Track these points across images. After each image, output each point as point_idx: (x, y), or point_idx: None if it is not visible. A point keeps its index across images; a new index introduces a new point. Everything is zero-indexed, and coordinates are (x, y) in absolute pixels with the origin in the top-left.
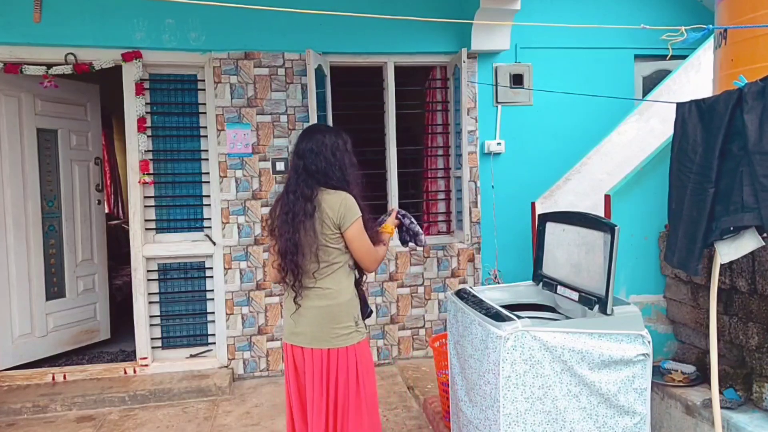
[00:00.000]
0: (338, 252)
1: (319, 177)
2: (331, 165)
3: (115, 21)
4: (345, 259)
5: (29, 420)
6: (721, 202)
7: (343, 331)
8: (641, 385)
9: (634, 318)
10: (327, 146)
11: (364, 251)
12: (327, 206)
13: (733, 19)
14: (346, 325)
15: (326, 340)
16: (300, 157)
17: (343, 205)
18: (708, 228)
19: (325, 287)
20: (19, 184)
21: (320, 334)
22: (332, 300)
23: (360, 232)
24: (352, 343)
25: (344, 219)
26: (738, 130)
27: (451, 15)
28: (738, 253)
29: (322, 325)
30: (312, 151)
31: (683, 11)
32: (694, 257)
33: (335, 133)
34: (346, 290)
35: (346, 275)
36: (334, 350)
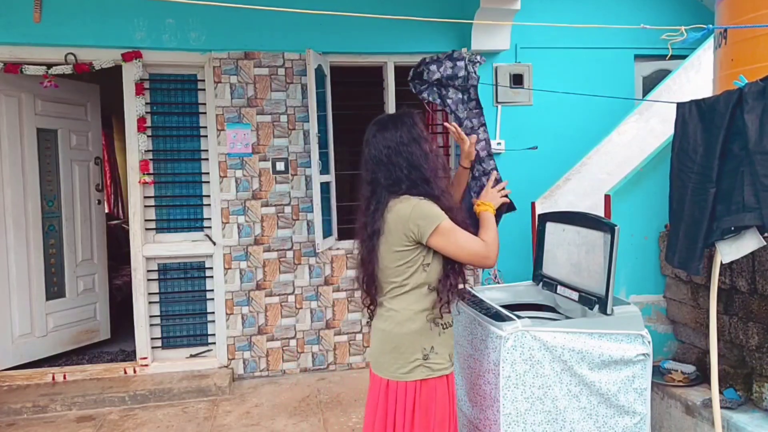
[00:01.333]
0: (410, 271)
1: (392, 188)
2: (398, 168)
3: (115, 21)
4: (419, 281)
5: (29, 420)
6: (722, 201)
7: (406, 364)
8: (641, 385)
9: (634, 318)
10: (390, 148)
11: (465, 253)
12: (395, 219)
13: (733, 19)
14: (411, 357)
15: (385, 367)
16: (365, 168)
17: (414, 216)
18: (709, 228)
19: (391, 309)
20: (19, 184)
21: (381, 359)
22: (395, 326)
23: (447, 236)
24: (414, 378)
25: (422, 230)
26: (739, 130)
27: (451, 15)
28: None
29: (383, 351)
30: (374, 159)
31: (683, 11)
32: (695, 257)
33: (395, 125)
34: (415, 318)
35: (419, 299)
36: (393, 382)
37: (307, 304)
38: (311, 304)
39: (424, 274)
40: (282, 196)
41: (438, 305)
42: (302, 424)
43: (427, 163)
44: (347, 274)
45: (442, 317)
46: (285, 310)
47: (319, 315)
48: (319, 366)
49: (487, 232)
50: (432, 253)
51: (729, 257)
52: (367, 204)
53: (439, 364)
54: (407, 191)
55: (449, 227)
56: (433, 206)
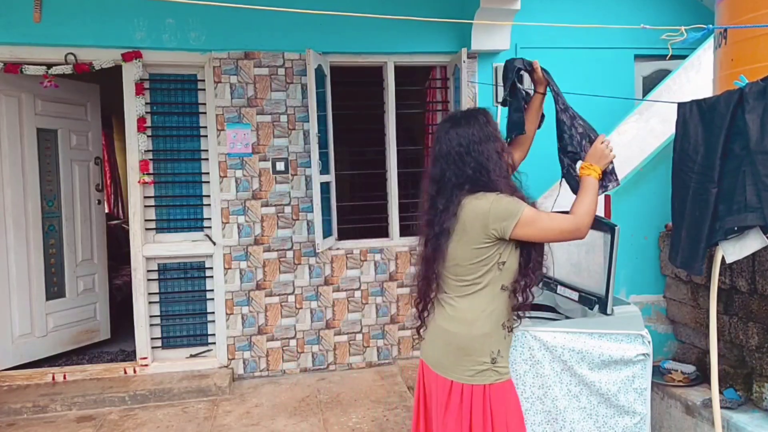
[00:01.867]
0: (485, 269)
1: (458, 185)
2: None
3: (115, 21)
4: (492, 280)
5: (29, 420)
6: (725, 201)
7: (475, 367)
8: (641, 385)
9: (634, 318)
10: (462, 145)
11: (553, 234)
12: (472, 216)
13: (733, 19)
14: (480, 360)
15: (450, 369)
16: (434, 164)
17: (493, 212)
18: (711, 228)
19: (460, 309)
20: (19, 184)
21: (445, 361)
22: (465, 327)
23: (531, 225)
24: (483, 382)
25: (504, 226)
26: (739, 130)
27: (451, 15)
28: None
29: (448, 352)
30: (445, 156)
31: (683, 11)
32: (698, 257)
33: (468, 121)
34: (486, 319)
35: (491, 299)
36: (459, 384)
37: (307, 304)
38: (311, 304)
39: (498, 273)
40: (282, 196)
41: (509, 307)
42: (302, 424)
43: (497, 163)
44: (347, 274)
45: (509, 320)
46: (285, 310)
47: (319, 315)
48: (319, 366)
49: (583, 200)
50: (508, 252)
51: (733, 257)
52: (433, 201)
53: (505, 367)
54: (477, 190)
55: (531, 215)
56: (512, 199)
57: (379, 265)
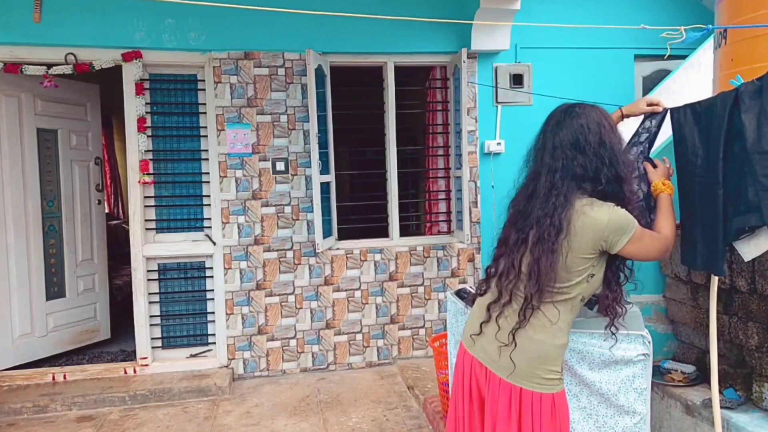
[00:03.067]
0: (577, 279)
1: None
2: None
3: (115, 21)
4: (578, 291)
5: (29, 420)
6: (731, 203)
7: (548, 375)
8: (641, 384)
9: (634, 318)
10: (592, 133)
11: (653, 255)
12: (587, 224)
13: (733, 19)
14: (554, 368)
15: (522, 377)
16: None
17: (611, 226)
18: (725, 229)
19: (543, 316)
20: (19, 184)
21: (516, 367)
22: (547, 335)
23: (639, 242)
24: (552, 391)
25: (615, 241)
26: (738, 130)
27: (451, 15)
28: (759, 251)
29: (525, 359)
30: (570, 145)
31: (683, 11)
32: (719, 258)
33: (594, 110)
34: (565, 329)
35: (572, 309)
36: (528, 392)
37: (307, 304)
38: (311, 304)
39: (586, 285)
40: (282, 196)
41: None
42: (302, 424)
43: (624, 160)
44: (347, 274)
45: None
46: (285, 310)
47: (319, 315)
48: (319, 366)
49: (667, 220)
50: (600, 266)
51: (750, 255)
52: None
53: (563, 376)
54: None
55: (640, 233)
56: (627, 214)
57: (379, 265)
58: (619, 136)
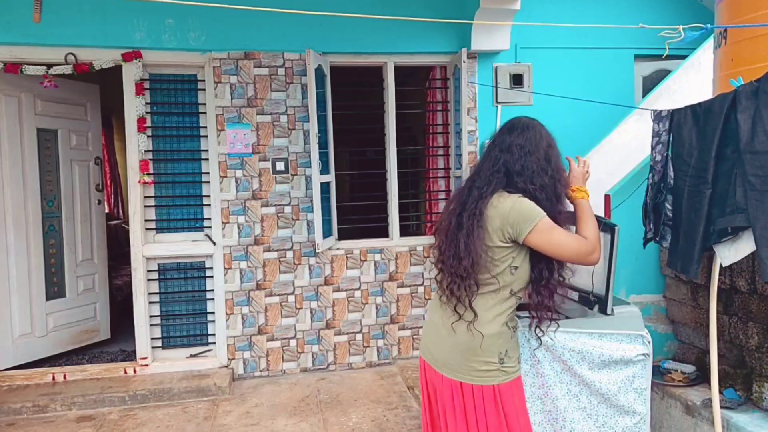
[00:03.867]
0: (497, 272)
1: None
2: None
3: (115, 21)
4: (503, 283)
5: (29, 420)
6: (718, 204)
7: (483, 367)
8: (641, 384)
9: (634, 318)
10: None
11: (566, 252)
12: (494, 215)
13: (732, 19)
14: (488, 360)
15: (459, 371)
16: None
17: (512, 213)
18: (706, 230)
19: (471, 309)
20: (19, 184)
21: (453, 361)
22: (474, 328)
23: (545, 234)
24: (492, 383)
25: (519, 227)
26: (732, 132)
27: (451, 15)
28: (738, 256)
29: (456, 353)
30: (522, 147)
31: (683, 11)
32: (693, 260)
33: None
34: (495, 320)
35: (501, 301)
36: (468, 385)
37: (307, 304)
38: (311, 304)
39: (510, 276)
40: (282, 196)
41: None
42: (302, 424)
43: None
44: (347, 274)
45: (513, 320)
46: (285, 310)
47: (319, 315)
48: (319, 366)
49: (587, 224)
50: (522, 257)
51: (728, 260)
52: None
53: (512, 367)
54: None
55: (548, 226)
56: (534, 206)
57: (379, 265)
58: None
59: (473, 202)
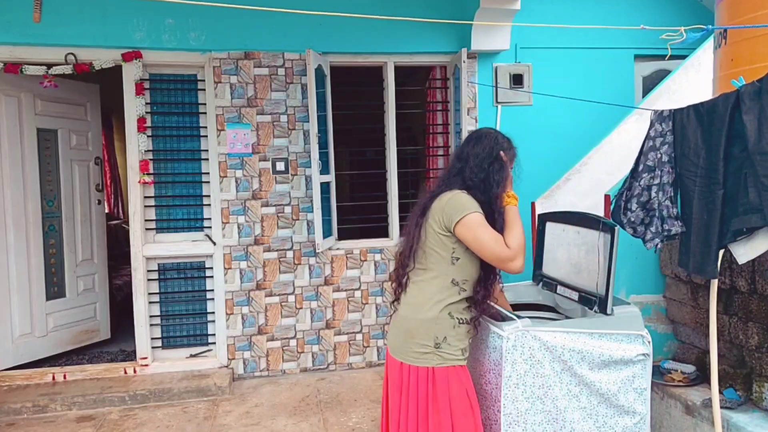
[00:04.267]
0: (438, 259)
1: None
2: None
3: (115, 21)
4: (444, 271)
5: (29, 420)
6: (730, 203)
7: (419, 349)
8: (641, 384)
9: (634, 318)
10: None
11: (486, 251)
12: (436, 203)
13: (733, 19)
14: (423, 343)
15: (399, 351)
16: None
17: (448, 204)
18: (721, 231)
19: (413, 294)
20: (19, 184)
21: (397, 343)
22: (413, 311)
23: (470, 229)
24: (426, 365)
25: (450, 216)
26: (738, 131)
27: (451, 15)
28: (754, 253)
29: (398, 335)
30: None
31: (683, 11)
32: (711, 260)
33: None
34: (433, 306)
35: (441, 290)
36: (406, 366)
37: (307, 304)
38: (311, 304)
39: (452, 268)
40: (282, 196)
41: (462, 301)
42: (302, 424)
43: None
44: (347, 274)
45: (462, 313)
46: (285, 310)
47: (319, 315)
48: (319, 366)
49: (512, 232)
50: (461, 249)
51: (744, 258)
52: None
53: (451, 354)
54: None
55: (475, 222)
56: (469, 200)
57: (379, 265)
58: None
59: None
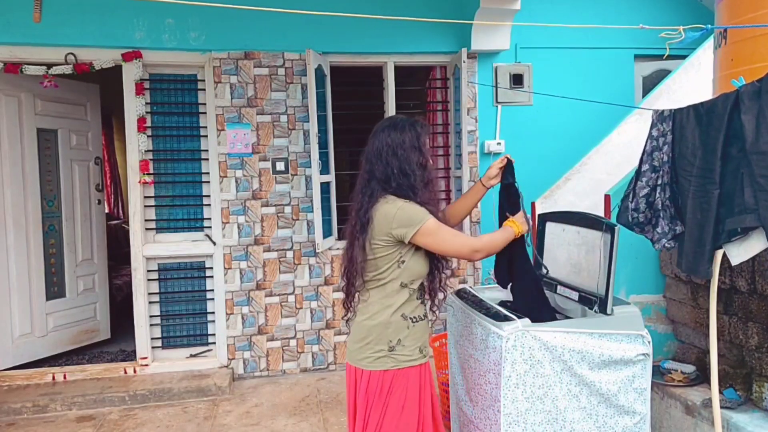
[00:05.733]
0: (386, 266)
1: (383, 184)
2: (392, 168)
3: (115, 21)
4: (392, 276)
5: (29, 420)
6: (726, 204)
7: (373, 354)
8: (641, 384)
9: (634, 318)
10: (389, 146)
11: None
12: (380, 218)
13: (732, 19)
14: (377, 348)
15: (356, 358)
16: (366, 159)
17: (398, 218)
18: (715, 231)
19: (365, 301)
20: (19, 184)
21: (353, 349)
22: (366, 317)
23: (432, 235)
24: (379, 368)
25: (405, 231)
26: (736, 132)
27: (451, 15)
28: (747, 255)
29: (354, 341)
30: (376, 153)
31: (683, 11)
32: (704, 260)
33: (402, 128)
34: (384, 311)
35: (390, 294)
36: (359, 370)
37: (307, 304)
38: (311, 304)
39: (398, 271)
40: (282, 196)
41: (413, 301)
42: (302, 424)
43: (419, 174)
44: None
45: (413, 311)
46: (285, 310)
47: (319, 315)
48: (319, 366)
49: (497, 236)
50: (410, 254)
51: (738, 259)
52: (360, 193)
53: (406, 356)
54: (394, 192)
55: (434, 227)
56: (417, 210)
57: None
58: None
59: (363, 212)
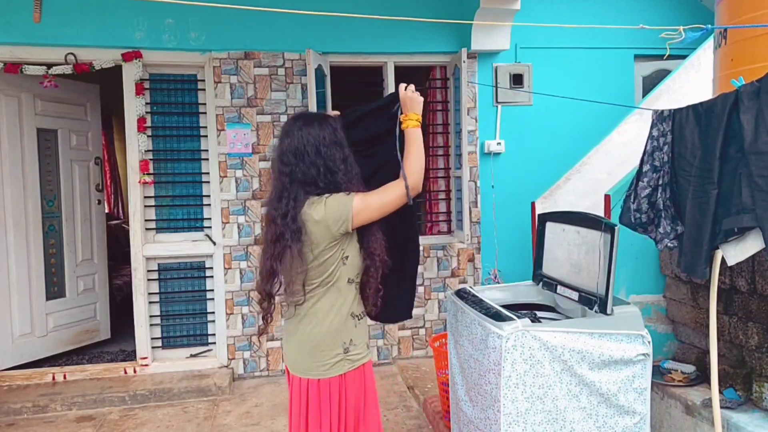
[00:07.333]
0: (332, 267)
1: (306, 186)
2: (317, 167)
3: (115, 21)
4: (340, 275)
5: (29, 420)
6: (723, 204)
7: (328, 360)
8: (641, 384)
9: (634, 318)
10: (310, 144)
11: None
12: (313, 223)
13: (732, 19)
14: (333, 353)
15: (307, 369)
16: (280, 160)
17: (330, 216)
18: (713, 230)
19: (312, 308)
20: (19, 184)
21: (300, 360)
22: (316, 325)
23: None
24: (336, 374)
25: (343, 224)
26: (735, 132)
27: (451, 15)
28: (744, 255)
29: (303, 352)
30: (294, 152)
31: (683, 11)
32: (701, 260)
33: (319, 124)
34: (336, 314)
35: (339, 294)
36: (315, 381)
37: None
38: None
39: (344, 268)
40: None
41: (357, 296)
42: None
43: (343, 170)
44: None
45: (358, 308)
46: None
47: None
48: None
49: (412, 153)
50: (351, 245)
51: (734, 259)
52: (279, 198)
53: (358, 354)
54: (319, 193)
55: (363, 203)
56: (339, 200)
57: None
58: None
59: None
